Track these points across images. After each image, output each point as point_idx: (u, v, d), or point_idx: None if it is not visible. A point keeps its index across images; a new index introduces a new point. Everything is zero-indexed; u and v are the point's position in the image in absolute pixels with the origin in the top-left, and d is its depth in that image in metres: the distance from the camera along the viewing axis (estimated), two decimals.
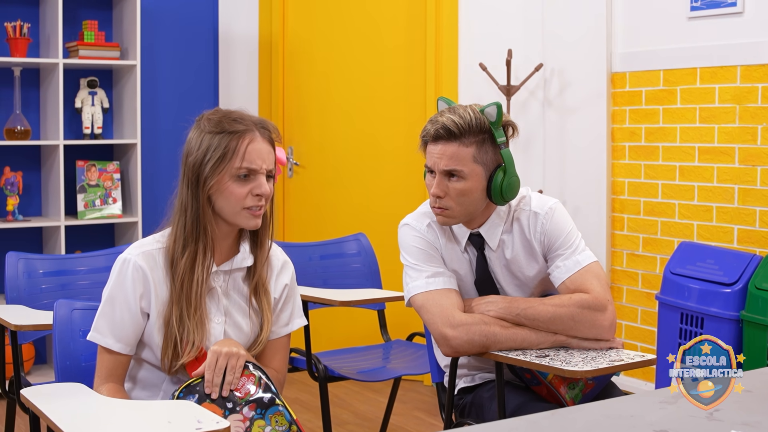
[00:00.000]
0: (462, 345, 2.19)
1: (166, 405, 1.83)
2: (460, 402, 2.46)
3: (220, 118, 1.99)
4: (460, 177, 2.22)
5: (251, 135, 1.98)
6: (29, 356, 4.27)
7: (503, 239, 2.32)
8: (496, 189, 2.23)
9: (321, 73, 4.80)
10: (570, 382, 2.23)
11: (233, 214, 2.01)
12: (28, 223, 4.35)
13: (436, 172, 2.25)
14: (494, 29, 4.30)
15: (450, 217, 2.27)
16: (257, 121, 2.00)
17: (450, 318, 2.20)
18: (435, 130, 2.23)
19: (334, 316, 4.42)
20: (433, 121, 2.25)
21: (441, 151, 2.23)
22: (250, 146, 1.97)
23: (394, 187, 4.64)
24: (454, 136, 2.21)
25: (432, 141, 2.25)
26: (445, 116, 2.23)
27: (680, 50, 3.76)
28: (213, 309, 2.05)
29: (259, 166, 1.98)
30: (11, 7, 4.43)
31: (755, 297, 3.21)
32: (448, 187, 2.23)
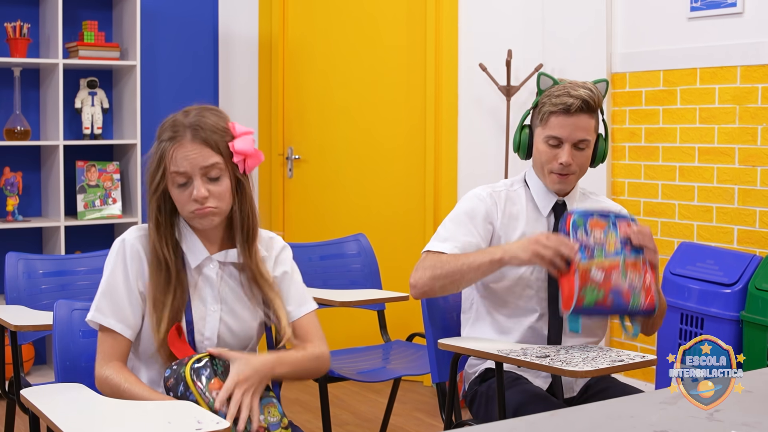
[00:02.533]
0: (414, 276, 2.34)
1: (166, 405, 1.83)
2: (475, 387, 2.47)
3: (163, 127, 2.04)
4: (586, 147, 2.38)
5: (179, 142, 2.00)
6: (29, 356, 4.27)
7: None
8: (601, 153, 2.44)
9: (321, 73, 4.80)
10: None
11: (187, 219, 2.05)
12: (27, 224, 4.35)
13: (565, 142, 2.35)
14: (494, 29, 4.30)
15: (570, 183, 2.42)
16: (190, 123, 2.01)
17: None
18: (576, 103, 2.33)
19: (333, 317, 4.42)
20: (567, 95, 2.34)
21: (575, 123, 2.34)
22: (176, 153, 1.99)
23: (394, 187, 4.64)
24: (590, 109, 2.35)
25: (567, 113, 2.34)
26: (581, 90, 2.34)
27: (680, 50, 3.76)
28: (208, 297, 2.07)
29: (190, 171, 1.99)
30: (11, 7, 4.43)
31: (755, 297, 3.21)
32: (575, 155, 2.37)
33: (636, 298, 2.21)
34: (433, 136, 4.48)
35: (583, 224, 2.23)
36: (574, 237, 2.22)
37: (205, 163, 1.99)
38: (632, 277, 2.22)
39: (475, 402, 2.47)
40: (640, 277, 2.23)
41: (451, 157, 4.44)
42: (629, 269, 2.22)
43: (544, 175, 2.42)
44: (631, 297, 2.20)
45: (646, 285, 2.22)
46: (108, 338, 2.00)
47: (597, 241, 2.23)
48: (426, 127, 4.50)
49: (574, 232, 2.23)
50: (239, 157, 2.04)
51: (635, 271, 2.23)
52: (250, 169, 2.07)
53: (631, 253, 2.24)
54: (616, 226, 2.25)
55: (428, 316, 2.58)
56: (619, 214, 2.29)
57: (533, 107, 2.44)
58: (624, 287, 2.20)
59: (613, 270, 2.21)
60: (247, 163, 2.06)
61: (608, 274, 2.19)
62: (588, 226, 2.24)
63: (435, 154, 4.47)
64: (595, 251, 2.21)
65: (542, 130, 2.38)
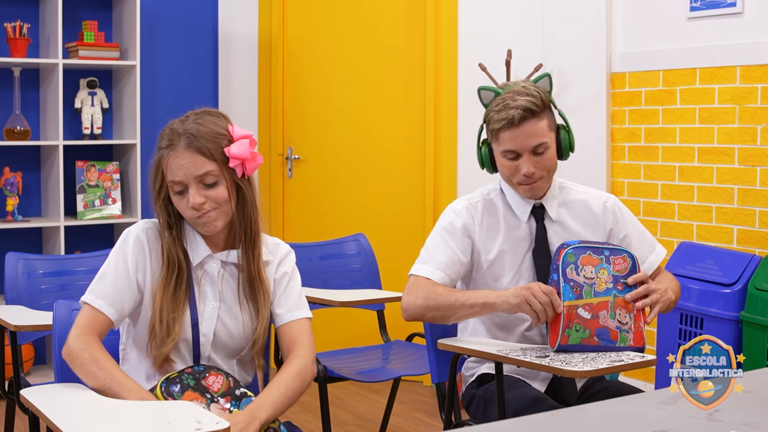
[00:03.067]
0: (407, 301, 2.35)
1: (166, 405, 1.83)
2: (472, 391, 2.47)
3: (162, 134, 2.06)
4: (545, 148, 2.34)
5: (173, 150, 2.01)
6: (29, 357, 4.27)
7: (564, 214, 2.45)
8: (566, 146, 2.40)
9: (321, 73, 4.80)
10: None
11: (191, 222, 2.07)
12: (27, 224, 4.35)
13: (523, 153, 2.33)
14: (494, 29, 4.30)
15: (541, 188, 2.40)
16: (185, 131, 2.02)
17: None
18: (518, 114, 2.30)
19: (333, 317, 4.42)
20: (507, 107, 2.32)
21: (527, 132, 2.32)
22: (172, 163, 2.01)
23: (394, 187, 4.64)
24: (535, 114, 2.32)
25: (512, 126, 2.32)
26: (519, 100, 2.31)
27: (680, 50, 3.76)
28: (209, 294, 2.08)
29: (185, 180, 2.00)
30: (11, 7, 4.43)
31: (755, 297, 3.21)
32: (536, 162, 2.34)
33: (624, 338, 2.20)
34: (432, 136, 4.48)
35: (574, 260, 2.22)
36: (563, 274, 2.21)
37: (199, 172, 2.00)
38: (621, 316, 2.21)
39: (473, 405, 2.47)
40: (630, 316, 2.22)
41: (450, 157, 4.44)
42: (619, 308, 2.21)
43: (513, 186, 2.42)
44: (618, 336, 2.20)
45: (636, 323, 2.22)
46: (90, 313, 2.01)
47: (587, 279, 2.22)
48: (426, 127, 4.50)
49: (564, 269, 2.22)
50: (236, 161, 2.03)
51: (625, 309, 2.22)
52: (249, 172, 2.07)
53: (623, 291, 2.23)
54: (609, 262, 2.24)
55: None
56: (615, 248, 2.27)
57: (484, 122, 2.42)
58: (612, 326, 2.20)
59: (602, 309, 2.20)
60: (246, 167, 2.05)
61: (596, 313, 2.19)
62: (579, 263, 2.23)
63: (435, 154, 4.47)
64: (584, 290, 2.21)
65: (497, 146, 2.37)
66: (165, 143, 2.03)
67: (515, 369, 2.40)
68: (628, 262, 2.25)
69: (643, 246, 2.49)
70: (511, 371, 2.41)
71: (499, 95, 2.35)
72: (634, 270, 2.26)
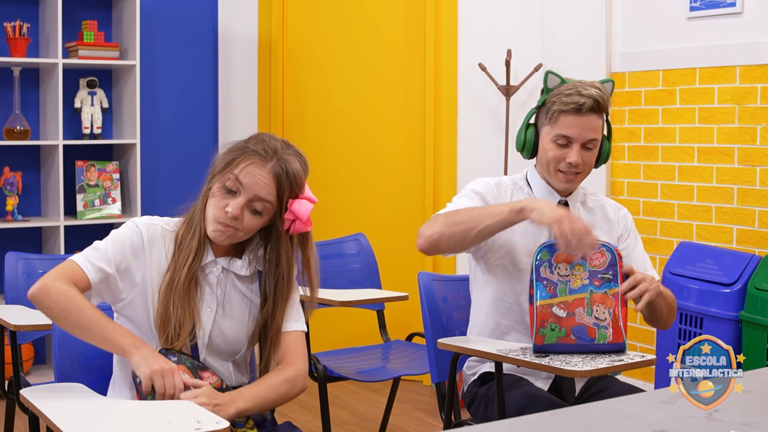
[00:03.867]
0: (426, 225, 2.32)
1: (166, 405, 1.83)
2: (474, 390, 2.47)
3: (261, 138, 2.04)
4: (594, 145, 2.37)
5: (259, 158, 2.00)
6: (28, 356, 4.27)
7: (582, 214, 2.46)
8: (604, 155, 2.43)
9: (321, 73, 4.80)
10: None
11: (209, 221, 2.03)
12: (27, 223, 4.35)
13: (575, 141, 2.34)
14: (493, 29, 4.30)
15: (577, 183, 2.42)
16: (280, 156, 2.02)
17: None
18: (588, 103, 2.32)
19: (333, 317, 4.42)
20: (579, 93, 2.33)
21: (586, 123, 2.34)
22: (249, 167, 1.99)
23: (394, 187, 4.64)
24: (600, 109, 2.35)
25: (578, 113, 2.33)
26: (591, 90, 2.33)
27: (679, 50, 3.76)
28: (207, 297, 2.07)
29: (243, 189, 1.99)
30: (11, 7, 4.43)
31: (754, 297, 3.21)
32: (583, 155, 2.36)
33: (602, 335, 2.16)
34: (432, 136, 4.48)
35: (548, 258, 2.20)
36: (536, 273, 2.19)
37: (260, 194, 1.98)
38: (599, 312, 2.17)
39: (474, 404, 2.47)
40: (608, 312, 2.17)
41: (450, 157, 4.44)
42: (596, 303, 2.17)
43: (550, 174, 2.41)
44: (596, 333, 2.16)
45: (615, 319, 2.17)
46: (71, 266, 1.97)
47: (562, 276, 2.19)
48: (425, 126, 4.50)
49: (537, 268, 2.20)
50: (291, 215, 2.04)
51: (603, 305, 2.17)
52: (293, 231, 2.06)
53: (600, 287, 2.19)
54: (585, 258, 2.20)
55: (428, 315, 2.58)
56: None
57: (539, 106, 2.42)
58: (589, 323, 2.16)
59: (578, 306, 2.17)
60: (295, 225, 2.05)
61: (572, 311, 2.16)
62: (553, 260, 2.20)
63: (434, 154, 4.47)
64: (558, 288, 2.18)
65: (551, 129, 2.37)
66: (257, 148, 2.00)
67: (517, 368, 2.40)
68: (606, 257, 2.21)
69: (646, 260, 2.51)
70: (514, 370, 2.41)
71: (566, 82, 2.38)
72: (614, 263, 2.21)
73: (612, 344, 2.17)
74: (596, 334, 2.16)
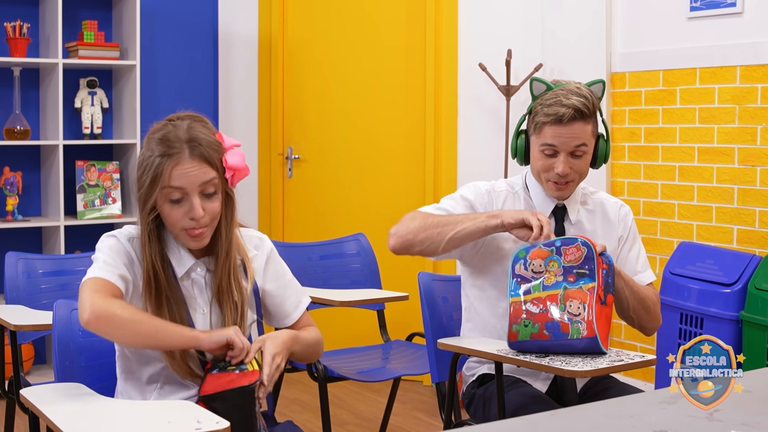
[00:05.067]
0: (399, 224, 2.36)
1: (166, 405, 1.83)
2: (472, 391, 2.47)
3: (157, 137, 1.98)
4: (583, 152, 2.34)
5: (177, 158, 1.95)
6: (29, 356, 4.27)
7: (582, 215, 2.45)
8: (602, 156, 2.40)
9: (321, 73, 4.80)
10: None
11: (175, 234, 2.01)
12: (27, 223, 4.35)
13: (560, 151, 2.33)
14: (494, 29, 4.30)
15: (569, 191, 2.40)
16: (189, 138, 1.97)
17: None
18: (568, 113, 2.29)
19: (333, 316, 4.42)
20: (559, 104, 2.30)
21: (570, 132, 2.31)
22: (175, 170, 1.94)
23: (394, 187, 4.64)
24: (584, 117, 2.31)
25: (560, 123, 2.31)
26: (572, 99, 2.30)
27: (680, 50, 3.76)
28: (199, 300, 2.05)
29: (188, 188, 1.95)
30: (11, 7, 4.43)
31: (755, 297, 3.21)
32: (572, 164, 2.34)
33: (576, 329, 2.11)
34: (432, 136, 4.48)
35: (524, 256, 2.19)
36: (511, 270, 2.19)
37: (205, 179, 1.96)
38: (572, 307, 2.13)
39: (473, 405, 2.47)
40: (583, 306, 2.13)
41: (450, 157, 4.44)
42: (569, 299, 2.14)
43: (542, 182, 2.41)
44: (570, 328, 2.12)
45: (590, 313, 2.12)
46: (99, 281, 1.93)
47: (535, 273, 2.17)
48: (425, 127, 4.50)
49: (513, 265, 2.19)
50: (230, 172, 2.01)
51: (577, 300, 2.14)
52: (236, 183, 2.04)
53: (575, 282, 2.15)
54: (560, 253, 2.17)
55: (428, 315, 2.58)
56: (567, 238, 2.20)
57: (528, 113, 2.41)
58: (562, 319, 2.13)
59: (551, 302, 2.15)
60: (235, 177, 2.03)
61: (545, 307, 2.14)
62: (528, 257, 2.19)
63: (434, 154, 4.47)
64: (532, 284, 2.17)
65: (537, 139, 2.36)
66: (163, 150, 1.95)
67: (516, 369, 2.40)
68: (582, 251, 2.17)
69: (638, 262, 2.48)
70: (512, 371, 2.41)
71: (551, 89, 2.34)
72: (591, 257, 2.16)
73: (586, 338, 2.11)
74: (569, 329, 2.12)
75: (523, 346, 2.16)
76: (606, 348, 2.13)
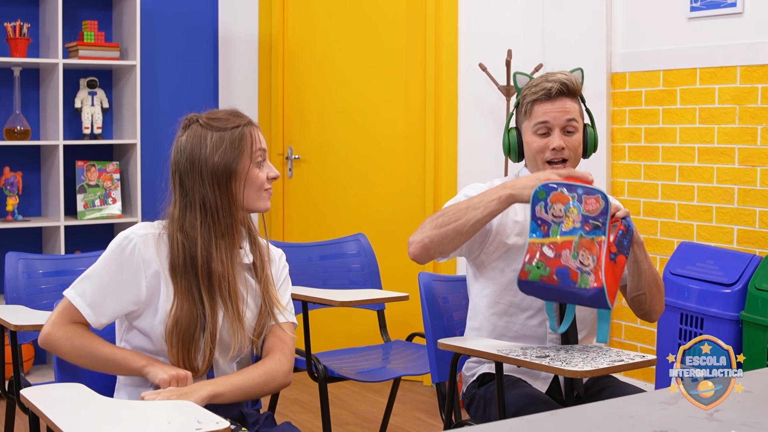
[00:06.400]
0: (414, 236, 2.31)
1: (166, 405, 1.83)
2: (473, 391, 2.47)
3: (221, 117, 2.09)
4: (575, 130, 2.39)
5: (254, 125, 2.11)
6: (29, 356, 4.27)
7: None
8: (591, 142, 2.43)
9: (321, 73, 4.80)
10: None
11: (255, 199, 2.10)
12: (27, 223, 4.35)
13: (554, 128, 2.37)
14: (494, 29, 4.30)
15: (566, 168, 2.39)
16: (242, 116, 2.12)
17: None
18: (556, 87, 2.36)
19: (333, 317, 4.42)
20: (545, 81, 2.38)
21: (560, 106, 2.37)
22: (258, 134, 2.11)
23: (394, 187, 4.64)
24: (571, 93, 2.39)
25: (549, 98, 2.37)
26: (558, 75, 2.38)
27: (680, 50, 3.76)
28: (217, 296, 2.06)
29: (266, 149, 2.12)
30: (11, 7, 4.43)
31: (755, 297, 3.21)
32: (565, 140, 2.38)
33: (584, 279, 2.12)
34: (432, 136, 4.48)
35: (544, 197, 2.17)
36: (532, 211, 2.17)
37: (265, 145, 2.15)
38: (584, 257, 2.14)
39: (473, 405, 2.47)
40: (593, 258, 2.13)
41: (450, 157, 4.44)
42: (582, 248, 2.14)
43: (539, 168, 2.40)
44: (579, 278, 2.13)
45: (599, 265, 2.12)
46: (69, 307, 2.02)
47: (555, 217, 2.17)
48: (426, 127, 4.50)
49: (533, 206, 2.17)
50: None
51: (589, 250, 2.14)
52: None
53: (590, 232, 2.15)
54: (581, 201, 2.16)
55: (428, 315, 2.58)
56: (589, 188, 2.18)
57: (516, 107, 2.46)
58: (572, 267, 2.13)
59: (565, 248, 2.15)
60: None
61: (559, 252, 2.14)
62: (549, 200, 2.17)
63: (435, 154, 4.47)
64: (551, 228, 2.16)
65: (529, 122, 2.40)
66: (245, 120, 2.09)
67: (516, 369, 2.40)
68: (600, 203, 2.16)
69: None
70: (512, 371, 2.41)
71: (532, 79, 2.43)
72: (606, 211, 2.16)
73: (592, 290, 2.12)
74: (578, 278, 2.13)
75: (532, 287, 2.17)
76: (612, 304, 2.14)
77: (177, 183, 2.08)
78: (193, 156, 2.06)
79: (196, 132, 2.07)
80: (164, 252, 2.03)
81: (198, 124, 2.08)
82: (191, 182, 2.05)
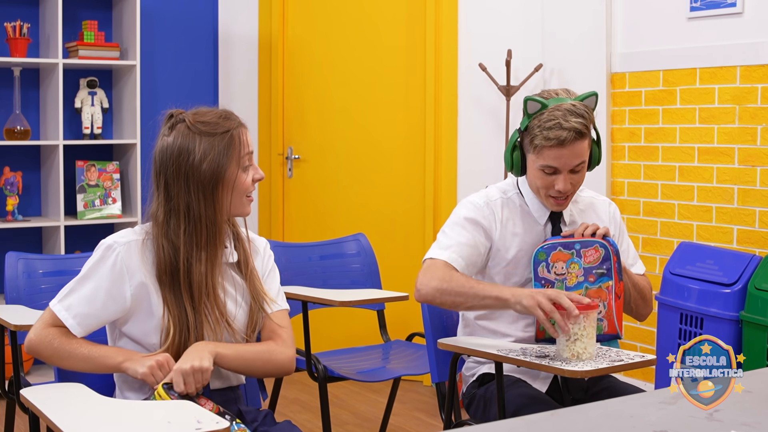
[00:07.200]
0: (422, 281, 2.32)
1: (166, 405, 1.83)
2: (472, 391, 2.47)
3: (210, 121, 2.03)
4: (582, 167, 2.35)
5: (243, 127, 2.07)
6: (29, 356, 4.27)
7: (576, 215, 2.48)
8: (595, 159, 2.41)
9: (321, 73, 4.80)
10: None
11: (239, 204, 2.06)
12: (27, 223, 4.35)
13: (561, 171, 2.32)
14: (494, 29, 4.30)
15: (568, 202, 2.41)
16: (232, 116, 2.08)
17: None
18: (570, 136, 2.27)
19: (333, 317, 4.42)
20: (560, 127, 2.27)
21: (571, 153, 2.30)
22: (247, 137, 2.06)
23: (394, 187, 4.64)
24: (582, 136, 2.31)
25: (561, 146, 2.28)
26: (572, 121, 2.27)
27: (680, 50, 3.76)
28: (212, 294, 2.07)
29: (252, 153, 2.09)
30: (11, 7, 4.43)
31: (755, 297, 3.21)
32: (571, 179, 2.35)
33: (599, 327, 2.25)
34: (432, 136, 4.48)
35: (545, 258, 2.29)
36: (534, 273, 2.28)
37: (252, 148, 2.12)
38: None
39: (473, 405, 2.47)
40: (603, 304, 2.28)
41: (450, 157, 4.44)
42: (590, 298, 2.22)
43: (540, 197, 2.41)
44: None
45: (610, 312, 2.28)
46: (53, 318, 2.01)
47: (558, 275, 2.27)
48: (426, 127, 4.50)
49: (535, 268, 2.28)
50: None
51: (598, 298, 2.27)
52: None
53: (595, 282, 2.27)
54: (580, 256, 2.28)
55: (428, 315, 2.58)
56: (585, 241, 2.27)
57: (522, 130, 2.36)
58: None
59: None
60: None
61: None
62: (550, 260, 2.29)
63: (435, 154, 4.47)
64: (555, 286, 2.27)
65: (536, 159, 2.33)
66: (234, 123, 2.04)
67: (516, 369, 2.40)
68: (600, 252, 2.28)
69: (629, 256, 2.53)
70: (512, 371, 2.41)
71: (546, 107, 2.30)
72: (608, 257, 2.29)
73: (608, 335, 2.29)
74: None
75: (550, 341, 2.27)
76: (622, 335, 2.31)
77: (162, 186, 2.02)
78: (180, 162, 1.99)
79: (184, 134, 2.00)
80: (149, 259, 2.01)
81: (185, 125, 2.01)
82: (177, 188, 2.00)
